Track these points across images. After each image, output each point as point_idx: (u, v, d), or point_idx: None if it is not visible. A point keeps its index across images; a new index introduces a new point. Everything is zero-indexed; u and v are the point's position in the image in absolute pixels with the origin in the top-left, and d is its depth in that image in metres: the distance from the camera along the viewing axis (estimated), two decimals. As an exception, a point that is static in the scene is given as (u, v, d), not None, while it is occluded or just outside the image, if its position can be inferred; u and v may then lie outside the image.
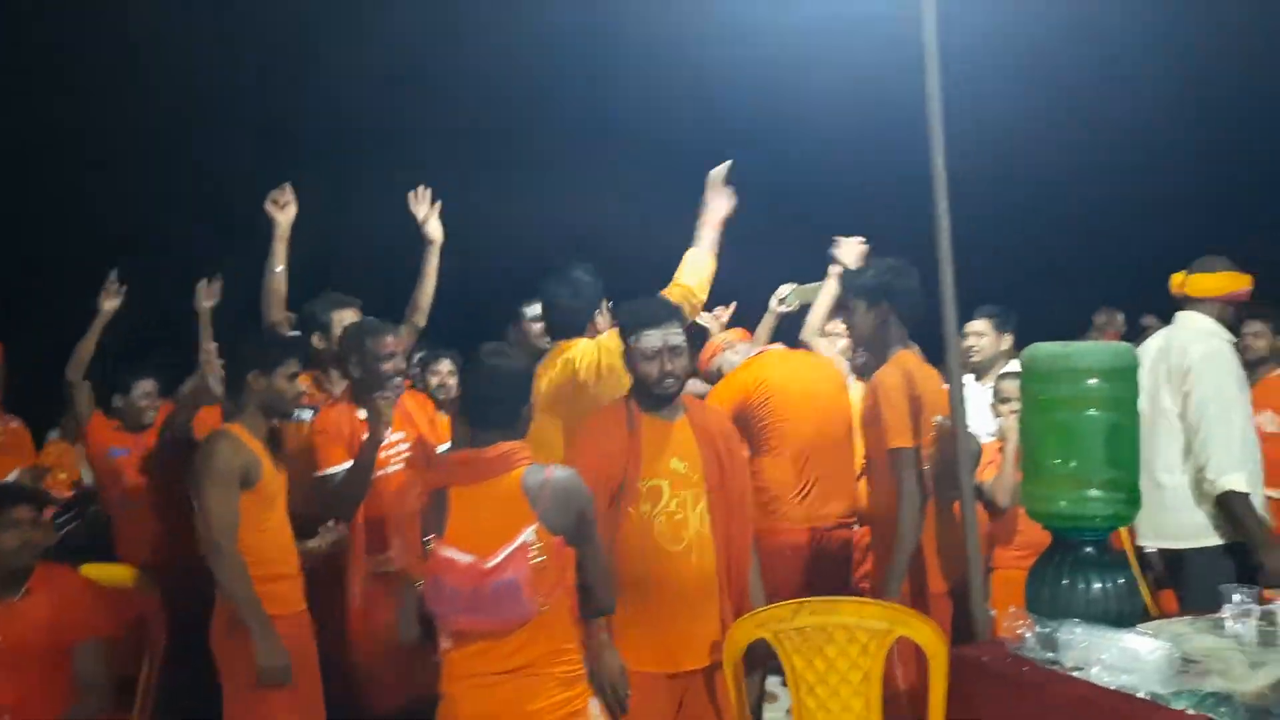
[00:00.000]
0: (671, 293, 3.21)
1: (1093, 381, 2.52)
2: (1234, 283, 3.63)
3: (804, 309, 4.69)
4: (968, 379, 4.55)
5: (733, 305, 5.23)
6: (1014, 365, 4.52)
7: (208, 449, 3.07)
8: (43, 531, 3.20)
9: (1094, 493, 2.53)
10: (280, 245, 4.00)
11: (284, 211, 4.02)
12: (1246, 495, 3.32)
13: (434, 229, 4.14)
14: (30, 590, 3.07)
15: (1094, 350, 2.59)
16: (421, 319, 4.22)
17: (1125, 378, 2.56)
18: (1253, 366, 5.15)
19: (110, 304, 4.41)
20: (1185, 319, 3.64)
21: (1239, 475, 3.27)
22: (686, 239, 3.43)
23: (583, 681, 2.49)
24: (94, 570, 4.06)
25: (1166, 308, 3.86)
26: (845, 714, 2.59)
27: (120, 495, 4.42)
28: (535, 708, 2.38)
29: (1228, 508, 3.31)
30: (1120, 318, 6.99)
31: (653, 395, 2.78)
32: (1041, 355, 2.62)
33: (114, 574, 4.12)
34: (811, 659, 2.61)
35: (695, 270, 3.32)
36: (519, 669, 2.38)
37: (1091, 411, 2.52)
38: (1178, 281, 3.68)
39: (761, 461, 3.84)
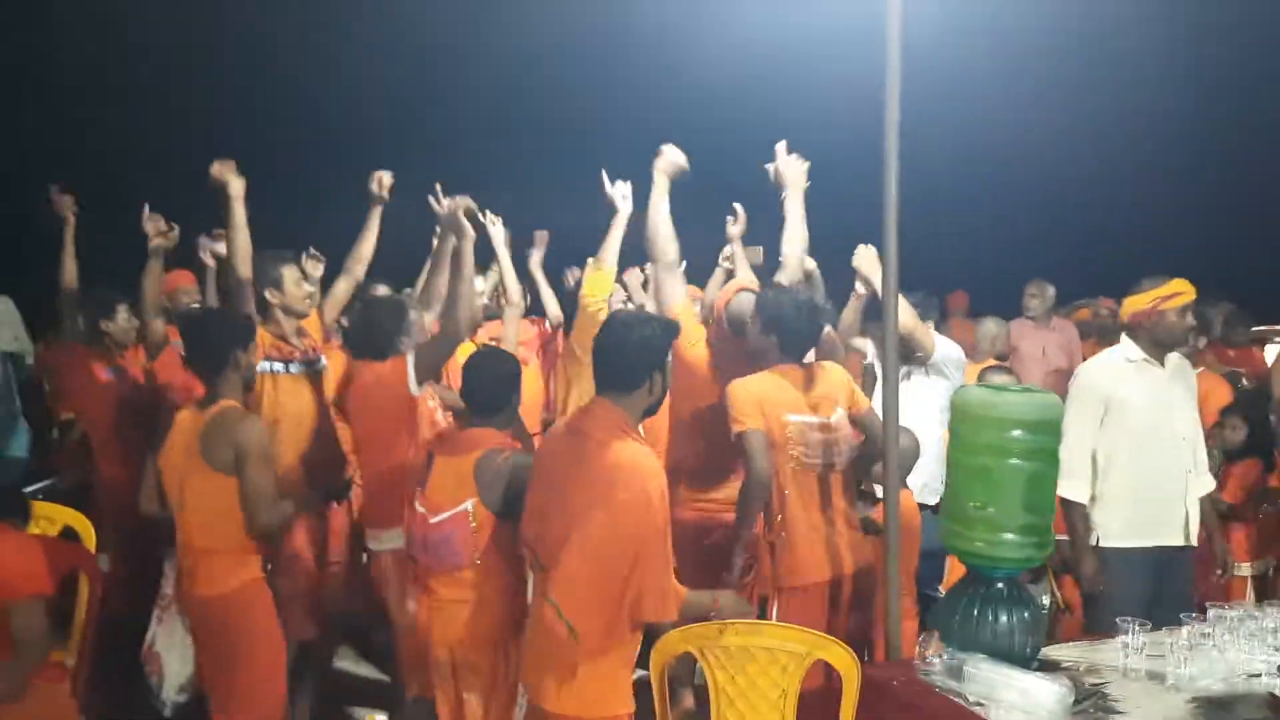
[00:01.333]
0: None
1: (1016, 433, 2.64)
2: (1134, 304, 3.84)
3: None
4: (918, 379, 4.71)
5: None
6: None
7: (255, 433, 3.26)
8: None
9: (1009, 536, 2.68)
10: (239, 205, 3.95)
11: (237, 178, 3.97)
12: (1076, 504, 3.69)
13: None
14: None
15: (1021, 402, 2.70)
16: (360, 269, 4.35)
17: (1049, 429, 2.69)
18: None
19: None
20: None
21: (1066, 483, 3.49)
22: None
23: (516, 615, 3.02)
24: (45, 510, 4.12)
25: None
26: (761, 727, 2.74)
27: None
28: (474, 629, 3.03)
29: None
30: (1051, 291, 7.16)
31: None
32: (972, 400, 2.74)
33: (63, 516, 4.17)
34: (734, 675, 2.74)
35: None
36: (460, 600, 3.04)
37: (1013, 460, 2.65)
38: None
39: None
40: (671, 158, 3.98)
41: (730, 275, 4.89)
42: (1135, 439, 3.65)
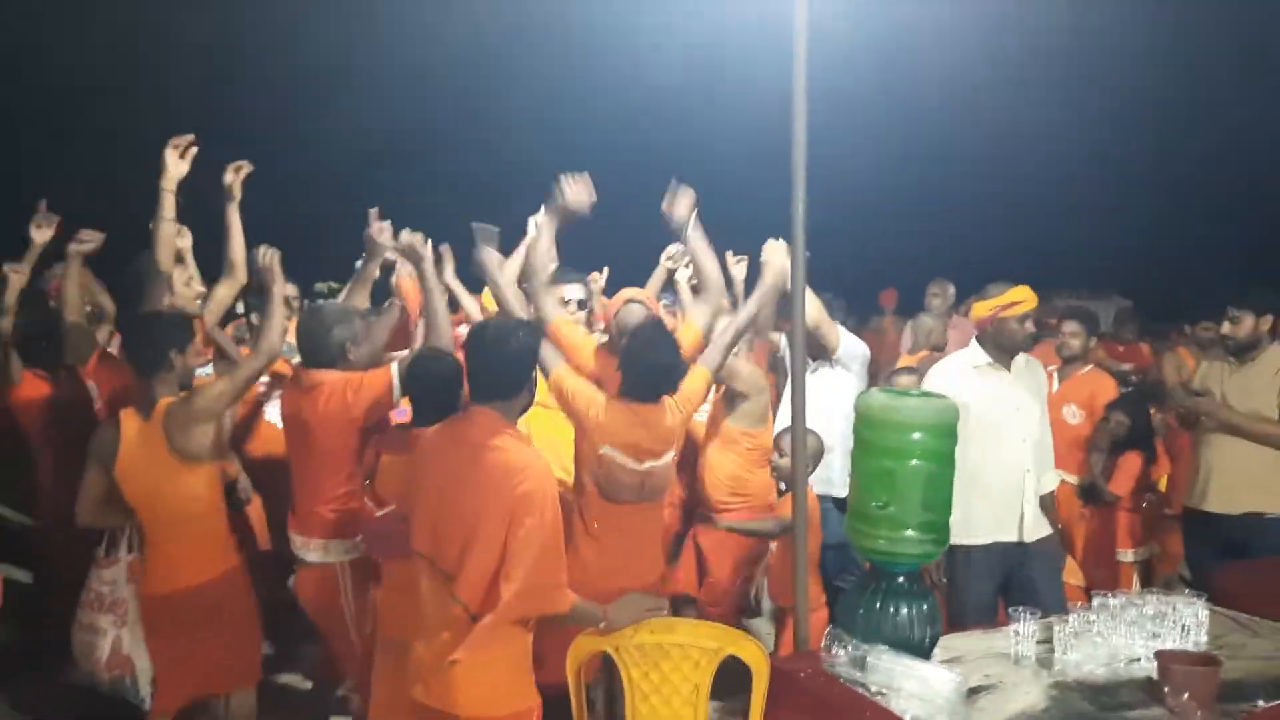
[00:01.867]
0: None
1: (916, 435, 2.77)
2: (977, 311, 4.08)
3: None
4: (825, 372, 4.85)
5: (606, 270, 5.58)
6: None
7: (204, 391, 3.41)
8: None
9: (910, 533, 2.80)
10: (168, 196, 3.87)
11: (181, 161, 3.86)
12: None
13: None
14: None
15: (920, 407, 2.83)
16: (240, 272, 4.23)
17: (946, 432, 2.82)
18: (1066, 363, 5.65)
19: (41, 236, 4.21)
20: None
21: None
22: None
23: None
24: None
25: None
26: (675, 720, 2.83)
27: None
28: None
29: None
30: (951, 289, 7.42)
31: None
32: (874, 406, 2.86)
33: None
34: (647, 671, 2.82)
35: None
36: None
37: (913, 462, 2.78)
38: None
39: None
40: (573, 199, 3.75)
41: (671, 274, 4.98)
42: (974, 441, 3.65)
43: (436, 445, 2.85)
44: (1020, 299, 3.98)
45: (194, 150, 3.85)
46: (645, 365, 3.44)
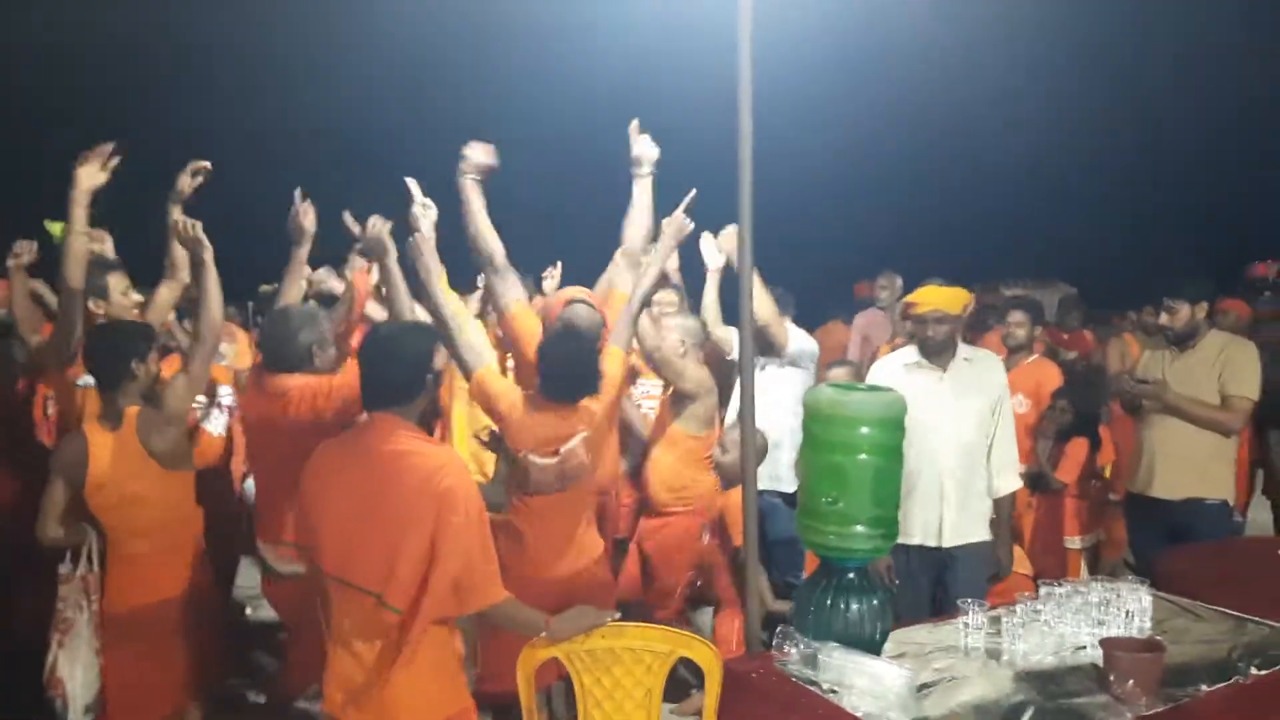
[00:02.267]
0: None
1: (864, 430, 2.77)
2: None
3: None
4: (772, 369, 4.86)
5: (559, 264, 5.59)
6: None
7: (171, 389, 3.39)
8: None
9: (859, 528, 2.80)
10: (79, 209, 3.63)
11: (90, 173, 3.66)
12: None
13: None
14: None
15: (867, 401, 2.83)
16: (183, 274, 4.07)
17: (893, 426, 2.83)
18: (1012, 353, 5.72)
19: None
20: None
21: None
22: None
23: None
24: None
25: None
26: (628, 724, 2.81)
27: None
28: None
29: None
30: (899, 281, 7.49)
31: None
32: (822, 401, 2.86)
33: None
34: (599, 677, 2.79)
35: None
36: None
37: (862, 456, 2.78)
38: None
39: None
40: (476, 159, 3.84)
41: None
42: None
43: (336, 461, 2.70)
44: (921, 300, 3.90)
45: (114, 161, 3.65)
46: (562, 369, 3.41)
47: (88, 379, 3.65)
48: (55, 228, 3.94)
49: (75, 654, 3.36)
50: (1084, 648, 2.86)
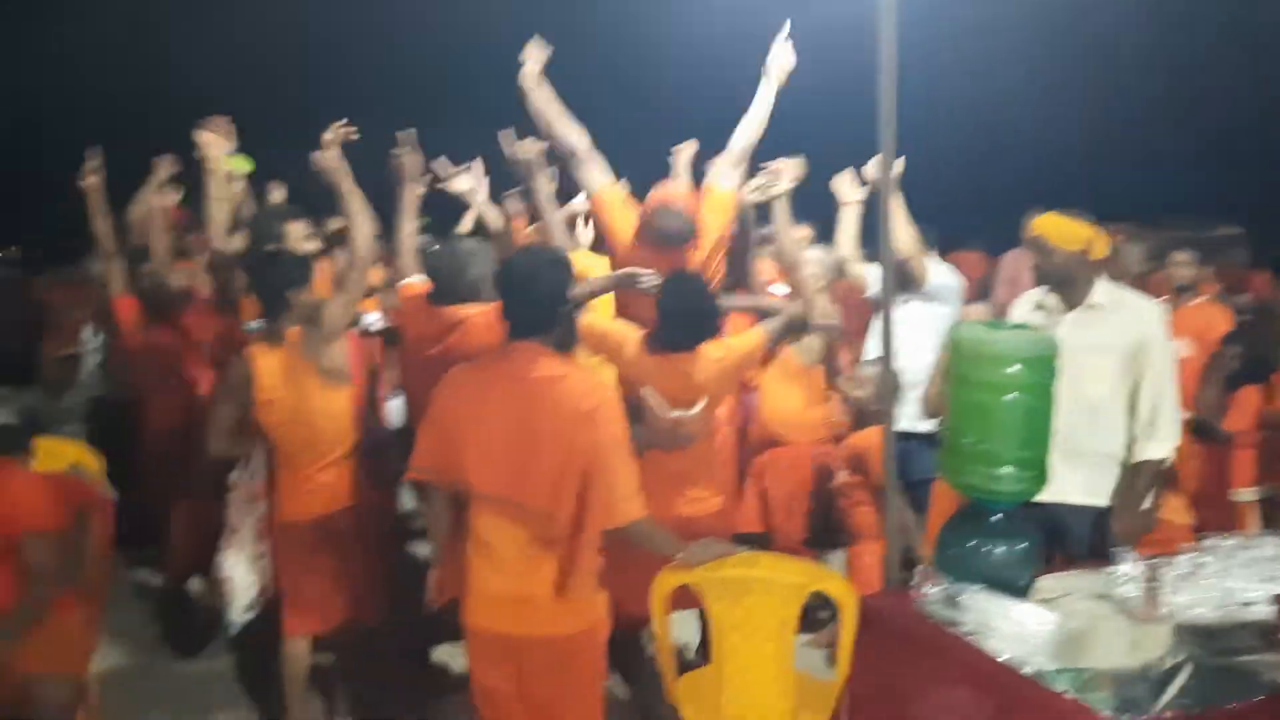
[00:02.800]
0: None
1: (1012, 369, 2.64)
2: None
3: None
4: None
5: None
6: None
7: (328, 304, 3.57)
8: None
9: (1006, 470, 2.68)
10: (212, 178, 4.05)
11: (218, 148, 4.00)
12: None
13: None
14: None
15: (1016, 339, 2.69)
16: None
17: (1043, 365, 2.68)
18: (1177, 295, 5.37)
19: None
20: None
21: None
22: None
23: None
24: (52, 446, 4.18)
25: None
26: (760, 655, 2.79)
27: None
28: None
29: None
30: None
31: None
32: (967, 338, 2.73)
33: (66, 452, 4.22)
34: (731, 606, 2.78)
35: None
36: None
37: (1009, 396, 2.65)
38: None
39: None
40: (533, 54, 3.85)
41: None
42: None
43: (480, 387, 2.76)
44: (1033, 226, 3.51)
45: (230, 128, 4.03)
46: (681, 314, 3.40)
47: (255, 323, 3.90)
48: (235, 161, 4.16)
49: (239, 556, 3.59)
50: (1252, 604, 2.67)
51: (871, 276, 4.88)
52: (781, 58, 3.99)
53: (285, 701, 3.66)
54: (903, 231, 4.32)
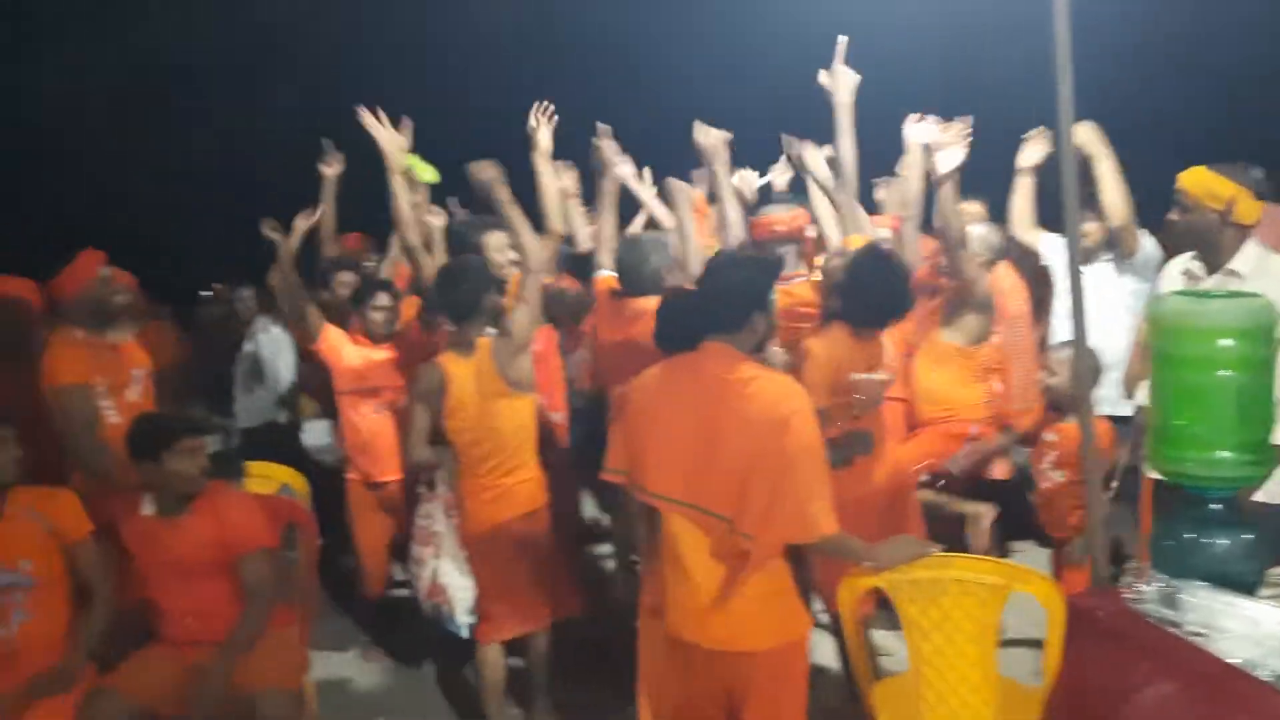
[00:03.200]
0: None
1: (1224, 342, 2.42)
2: None
3: None
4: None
5: None
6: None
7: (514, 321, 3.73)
8: (206, 457, 3.47)
9: (1223, 454, 2.46)
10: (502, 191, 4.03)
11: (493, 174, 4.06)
12: None
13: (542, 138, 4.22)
14: (195, 509, 3.35)
15: (1226, 309, 2.46)
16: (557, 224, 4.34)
17: (1259, 336, 2.44)
18: None
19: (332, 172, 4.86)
20: None
21: None
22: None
23: None
24: (262, 469, 4.49)
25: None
26: (960, 660, 2.68)
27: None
28: None
29: None
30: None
31: None
32: (1169, 311, 2.52)
33: (275, 474, 4.54)
34: (926, 608, 2.68)
35: None
36: None
37: (1223, 372, 2.43)
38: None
39: None
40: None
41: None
42: None
43: (667, 387, 2.72)
44: (1181, 183, 3.19)
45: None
46: (876, 296, 3.32)
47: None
48: (419, 167, 4.33)
49: (453, 564, 3.72)
50: None
51: (1051, 247, 4.61)
52: (843, 77, 3.98)
53: (485, 708, 3.78)
54: (1115, 195, 4.07)
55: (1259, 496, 3.15)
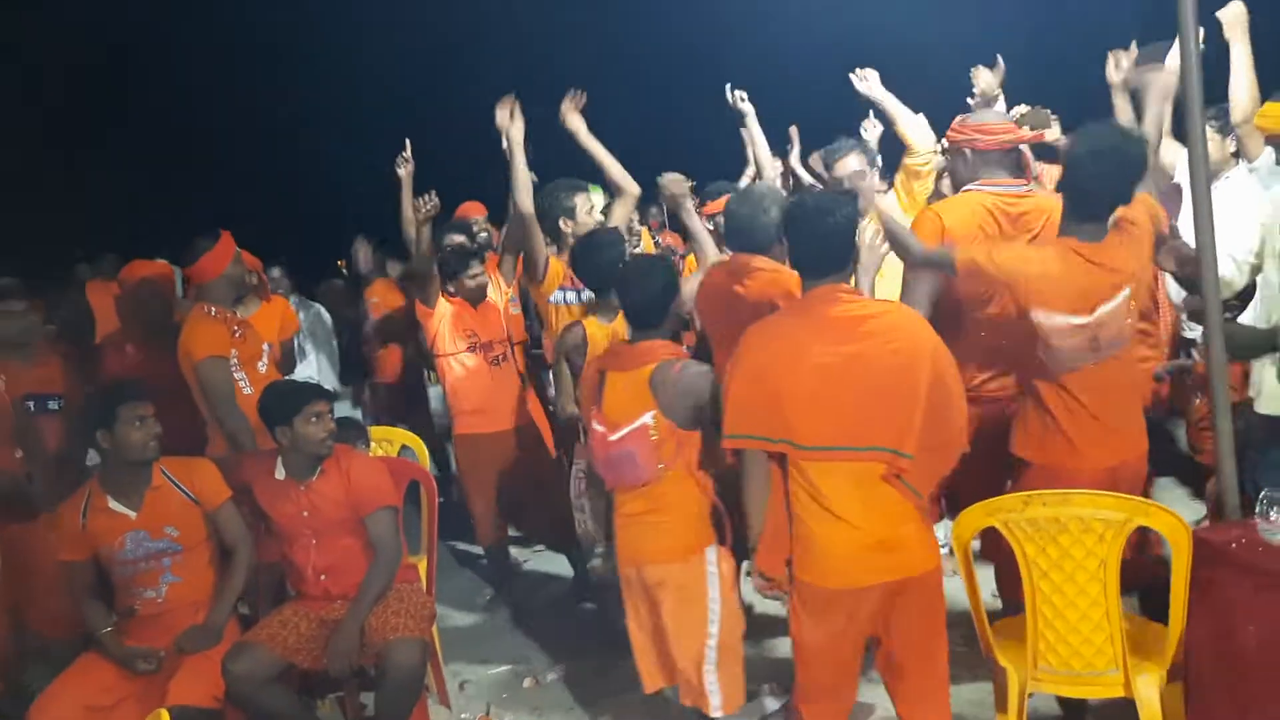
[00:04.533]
0: None
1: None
2: None
3: None
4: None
5: None
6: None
7: None
8: (333, 421, 3.61)
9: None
10: (518, 150, 4.23)
11: (515, 124, 4.24)
12: None
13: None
14: (325, 470, 3.50)
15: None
16: (631, 185, 4.37)
17: None
18: None
19: (406, 171, 4.90)
20: None
21: None
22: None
23: (703, 524, 3.00)
24: (384, 434, 4.71)
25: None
26: (1081, 598, 2.59)
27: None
28: (660, 544, 3.00)
29: None
30: None
31: None
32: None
33: (396, 437, 4.73)
34: (1044, 546, 2.61)
35: None
36: (646, 512, 3.01)
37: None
38: None
39: None
40: None
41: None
42: None
43: (790, 337, 2.65)
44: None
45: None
46: (1104, 176, 2.83)
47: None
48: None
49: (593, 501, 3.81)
50: None
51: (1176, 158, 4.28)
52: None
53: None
54: (1246, 91, 3.72)
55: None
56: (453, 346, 4.66)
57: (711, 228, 4.44)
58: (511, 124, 4.23)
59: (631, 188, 4.33)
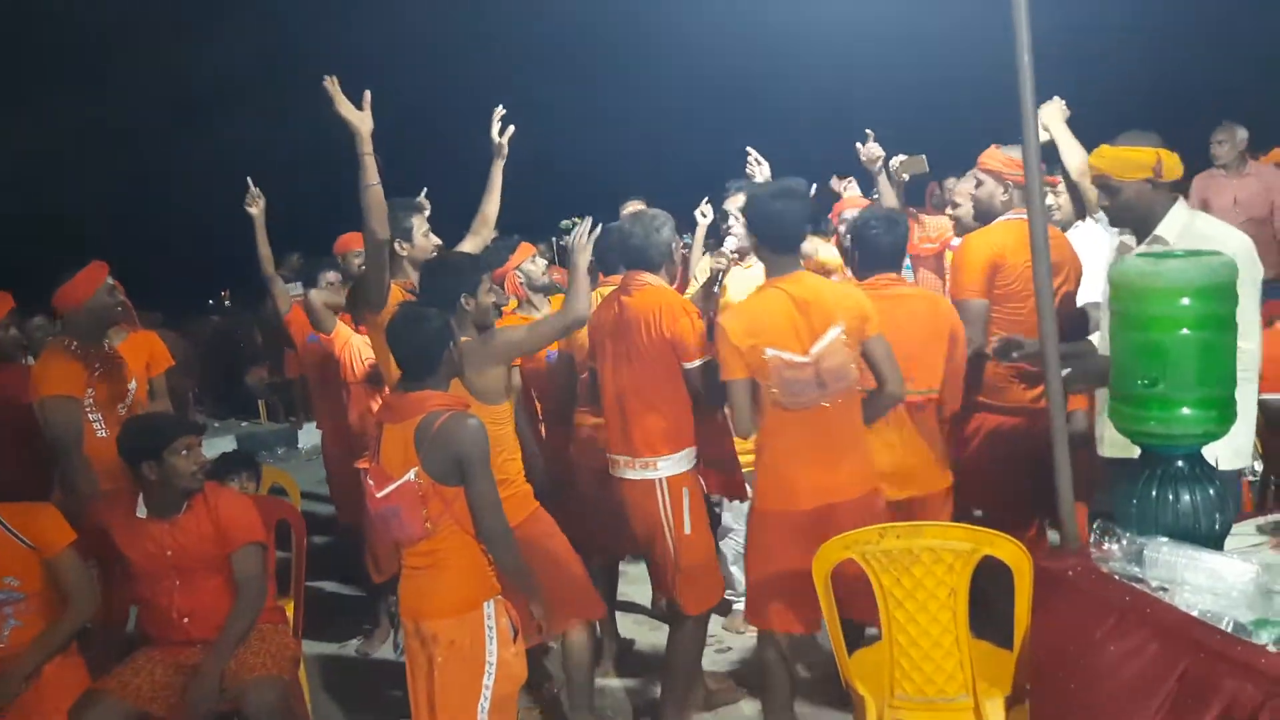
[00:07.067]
0: None
1: (1185, 301, 2.43)
2: None
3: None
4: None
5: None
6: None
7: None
8: (203, 455, 3.49)
9: (1186, 411, 2.48)
10: (369, 159, 3.55)
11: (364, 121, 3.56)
12: None
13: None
14: (192, 506, 3.40)
15: (1186, 269, 2.47)
16: (487, 232, 4.26)
17: (1220, 294, 2.46)
18: None
19: (256, 210, 4.87)
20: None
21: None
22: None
23: (480, 578, 2.95)
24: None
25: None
26: (933, 625, 2.70)
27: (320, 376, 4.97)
28: (436, 598, 2.93)
29: None
30: (1241, 134, 6.53)
31: None
32: (1131, 273, 2.53)
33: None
34: (899, 577, 2.71)
35: None
36: (424, 566, 2.93)
37: (1183, 331, 2.44)
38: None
39: None
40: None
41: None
42: None
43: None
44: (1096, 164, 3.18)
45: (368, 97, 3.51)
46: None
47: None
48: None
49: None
50: None
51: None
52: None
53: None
54: (1072, 151, 4.02)
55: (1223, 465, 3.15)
56: (357, 374, 4.67)
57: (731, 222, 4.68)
58: (356, 118, 3.49)
59: (488, 231, 4.27)
